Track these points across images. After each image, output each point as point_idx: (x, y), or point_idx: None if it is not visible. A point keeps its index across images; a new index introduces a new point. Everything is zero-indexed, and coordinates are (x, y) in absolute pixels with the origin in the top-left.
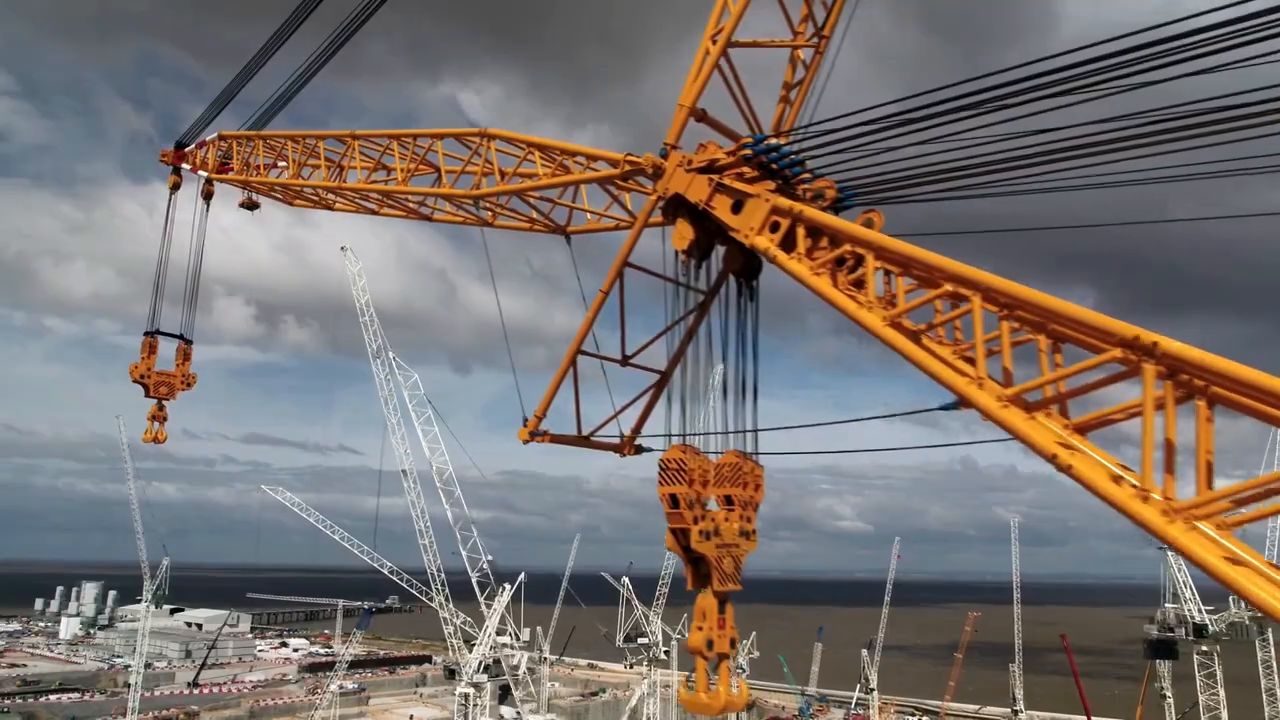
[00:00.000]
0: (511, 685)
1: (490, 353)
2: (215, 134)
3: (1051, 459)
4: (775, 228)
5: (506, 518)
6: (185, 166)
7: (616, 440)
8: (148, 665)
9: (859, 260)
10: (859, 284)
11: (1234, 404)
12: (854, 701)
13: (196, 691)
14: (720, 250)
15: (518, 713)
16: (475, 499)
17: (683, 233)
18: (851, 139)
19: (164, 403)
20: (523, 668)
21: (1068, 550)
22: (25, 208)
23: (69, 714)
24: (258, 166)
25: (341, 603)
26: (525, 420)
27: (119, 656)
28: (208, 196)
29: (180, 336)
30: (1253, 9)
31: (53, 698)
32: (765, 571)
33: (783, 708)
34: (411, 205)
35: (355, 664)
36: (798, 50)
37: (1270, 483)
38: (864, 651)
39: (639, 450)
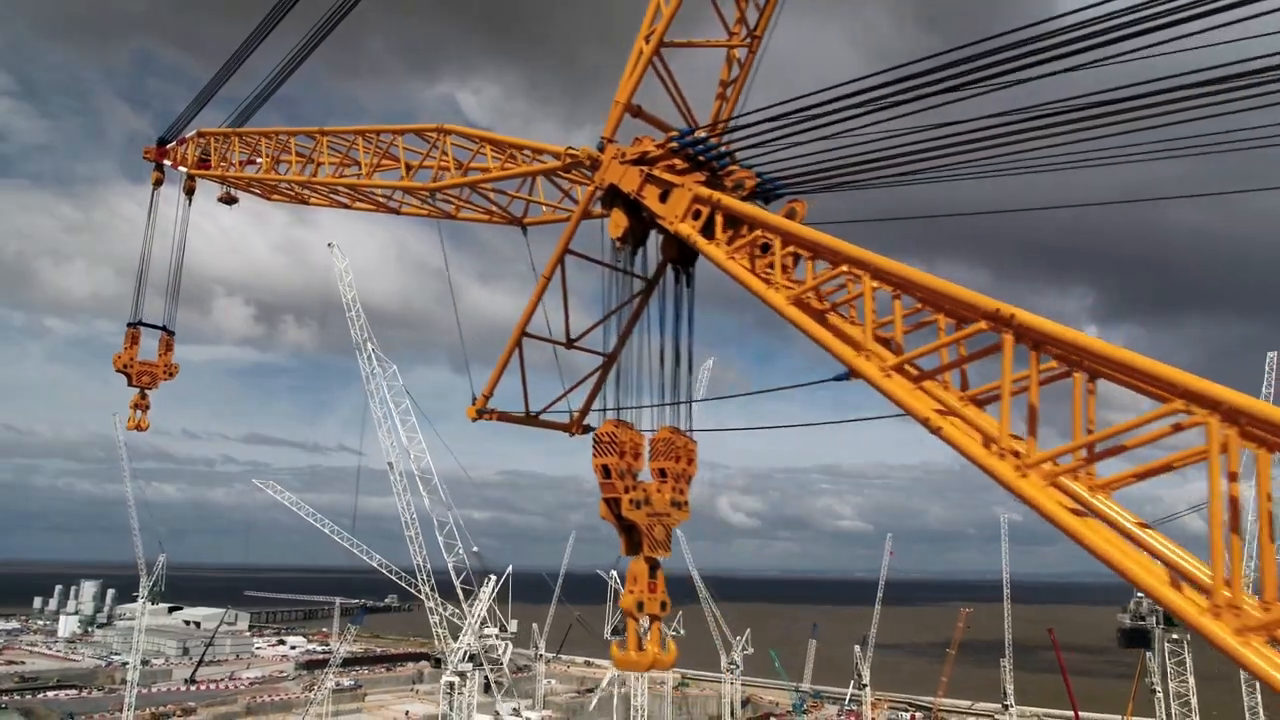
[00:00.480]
0: (491, 679)
1: (491, 352)
2: (195, 131)
3: (924, 422)
4: (698, 215)
5: (508, 517)
6: (167, 163)
7: (566, 420)
8: (145, 662)
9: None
10: (780, 268)
11: (1105, 375)
12: (848, 698)
13: (193, 688)
14: (660, 240)
15: (515, 708)
16: (475, 499)
17: (618, 221)
18: (762, 133)
19: (146, 391)
20: (506, 658)
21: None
22: (24, 208)
23: (66, 710)
24: (234, 162)
25: (339, 600)
26: (474, 399)
27: (117, 654)
28: (189, 192)
29: (163, 328)
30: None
31: (50, 694)
32: (764, 571)
33: (776, 704)
34: (380, 199)
35: (352, 661)
36: (733, 50)
37: (1112, 436)
38: (856, 648)
39: (587, 430)
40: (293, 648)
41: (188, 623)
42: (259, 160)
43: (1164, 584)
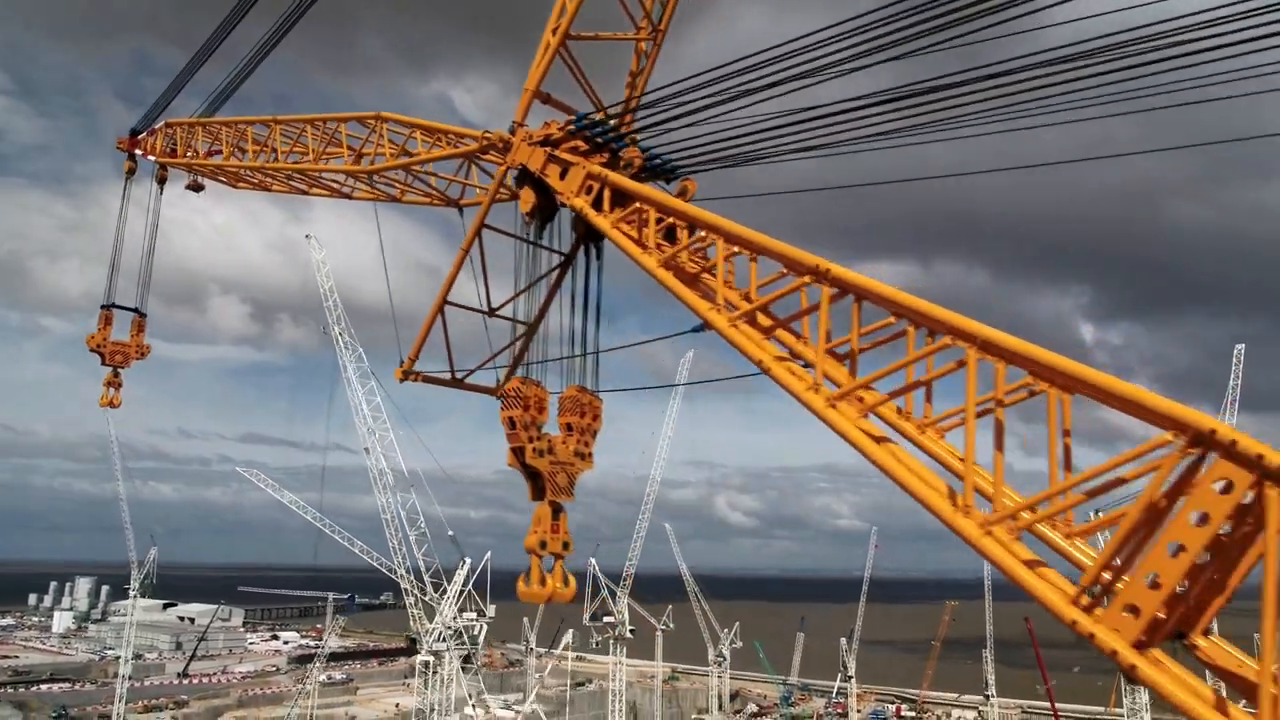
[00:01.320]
0: (469, 656)
1: (483, 348)
2: (163, 122)
3: (758, 363)
4: (591, 190)
5: (505, 516)
6: (139, 152)
7: (492, 385)
8: (138, 656)
9: (667, 219)
10: (670, 239)
11: (907, 317)
12: (835, 690)
13: (186, 681)
14: (572, 218)
15: (505, 701)
16: (472, 498)
17: (527, 198)
18: (648, 115)
19: (119, 370)
20: (482, 638)
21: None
22: (21, 207)
23: (59, 703)
24: (198, 151)
25: (332, 596)
26: (401, 362)
27: (110, 648)
28: (161, 181)
29: (135, 310)
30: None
31: (43, 687)
32: (762, 570)
33: (764, 697)
34: (334, 185)
35: (345, 656)
36: (640, 43)
37: (897, 370)
38: (843, 640)
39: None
40: (285, 642)
41: (182, 619)
42: (221, 149)
43: (937, 494)
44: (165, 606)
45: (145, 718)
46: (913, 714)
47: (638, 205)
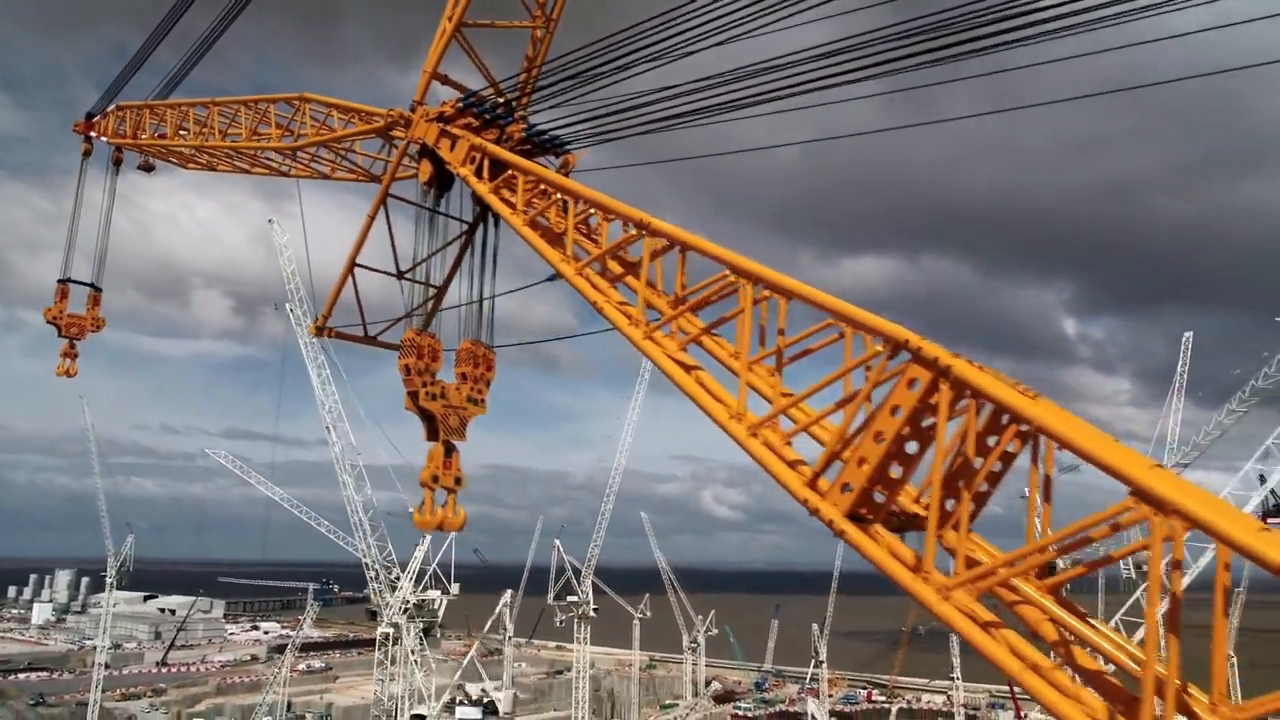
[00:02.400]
0: (435, 629)
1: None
2: (114, 105)
3: (594, 305)
4: (475, 160)
5: (493, 512)
6: (95, 135)
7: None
8: (117, 646)
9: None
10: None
11: (767, 286)
12: (809, 676)
13: (164, 670)
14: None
15: (482, 688)
16: (461, 495)
17: (424, 169)
18: (533, 92)
19: (75, 342)
20: (441, 612)
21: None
22: (1, 200)
23: (36, 691)
24: (148, 132)
25: (312, 586)
26: (315, 318)
27: (89, 638)
28: (116, 162)
29: (91, 285)
30: None
31: (21, 676)
32: (749, 565)
33: (739, 683)
34: (272, 164)
35: (326, 645)
36: (535, 30)
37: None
38: (814, 626)
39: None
40: (266, 633)
41: (162, 610)
42: (164, 129)
43: (720, 406)
44: (146, 599)
45: (123, 705)
46: (883, 699)
47: (509, 172)
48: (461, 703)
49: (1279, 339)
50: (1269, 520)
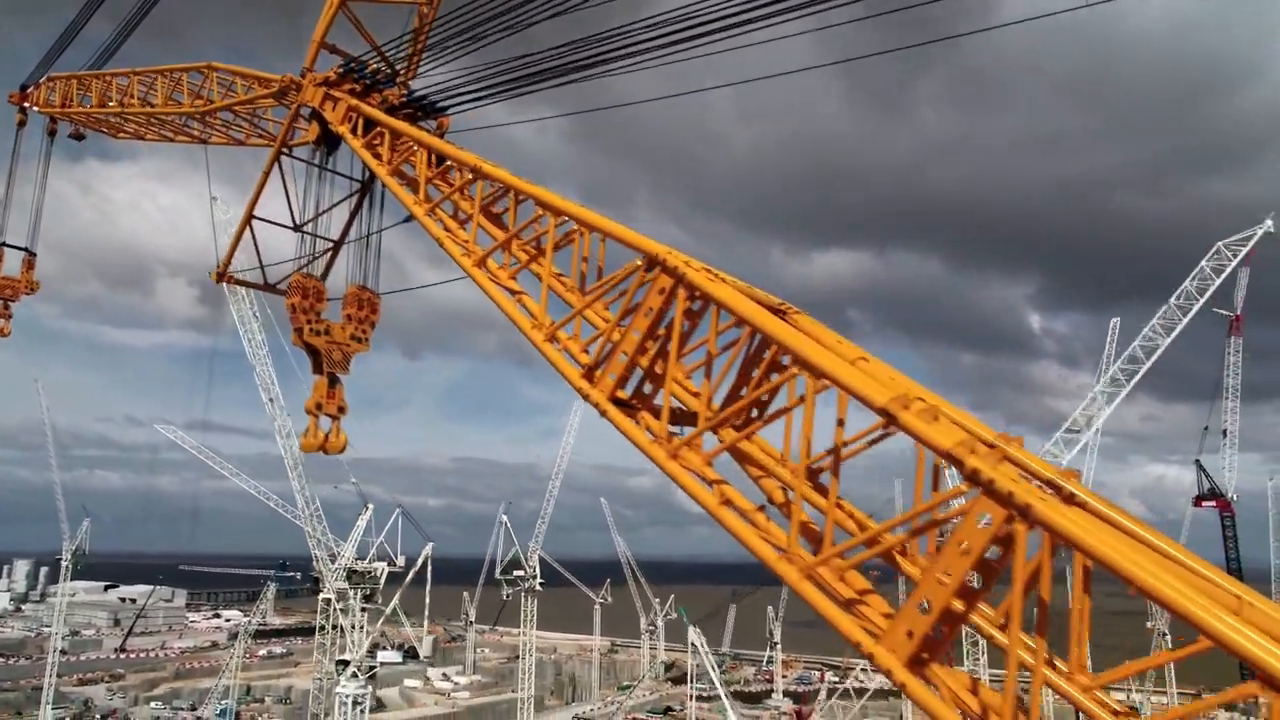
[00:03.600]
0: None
1: (442, 338)
2: (45, 76)
3: (441, 242)
4: (351, 120)
5: (463, 505)
6: (28, 105)
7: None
8: (75, 633)
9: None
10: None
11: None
12: (765, 659)
13: (123, 656)
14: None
15: (444, 673)
16: (431, 487)
17: (312, 130)
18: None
19: (9, 304)
20: (383, 579)
21: None
22: None
23: None
24: (77, 103)
25: (274, 573)
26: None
27: (46, 626)
28: (51, 133)
29: (25, 249)
30: None
31: None
32: (719, 557)
33: (697, 664)
34: (194, 133)
35: (289, 632)
36: (421, 6)
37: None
38: (770, 609)
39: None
40: (227, 620)
41: (123, 599)
42: (90, 99)
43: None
44: (106, 588)
45: (80, 690)
46: (837, 679)
47: (378, 129)
48: (384, 648)
49: (1221, 326)
50: (1202, 504)
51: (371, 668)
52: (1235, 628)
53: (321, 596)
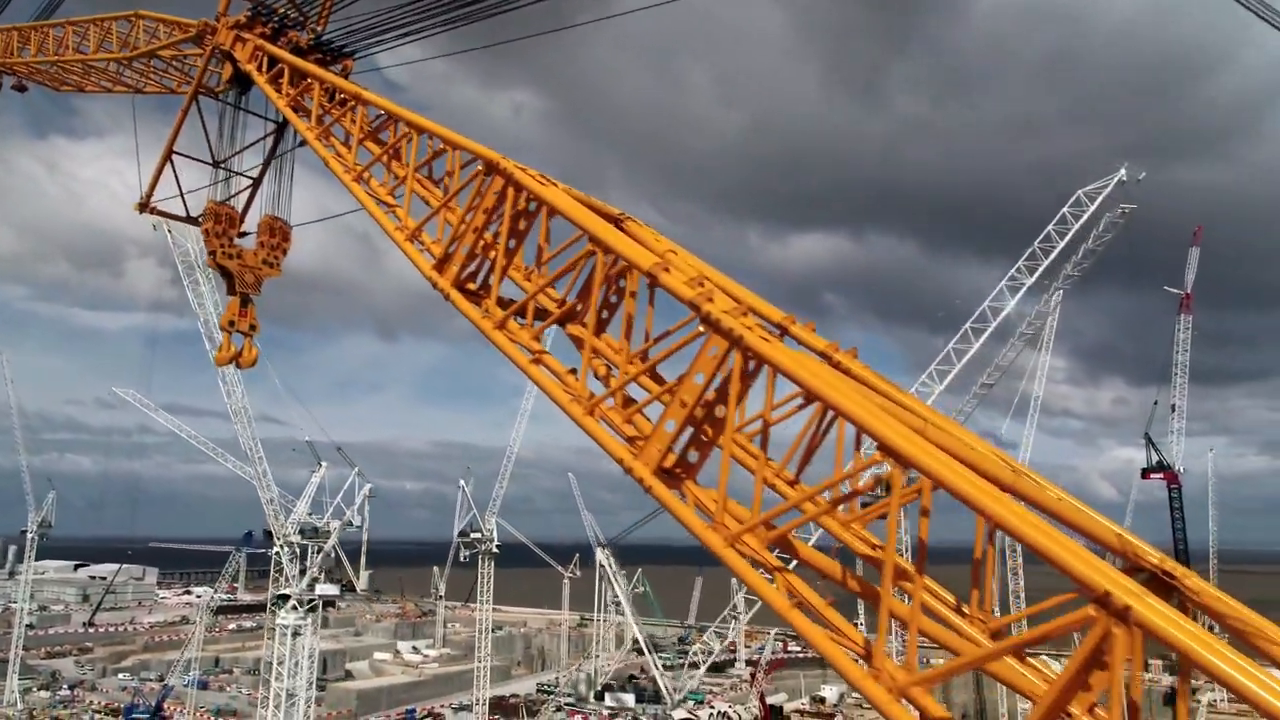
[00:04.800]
0: (337, 555)
1: (418, 319)
2: None
3: (347, 182)
4: (258, 59)
5: (441, 489)
6: None
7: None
8: (43, 608)
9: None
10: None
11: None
12: (729, 631)
13: (92, 630)
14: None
15: (414, 646)
16: (409, 470)
17: (225, 71)
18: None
19: None
20: (334, 539)
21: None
22: None
23: None
24: (15, 53)
25: (245, 550)
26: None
27: (13, 601)
28: None
29: None
30: None
31: None
32: (691, 539)
33: (663, 637)
34: (131, 82)
35: (259, 607)
36: None
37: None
38: (733, 580)
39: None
40: (198, 596)
41: (93, 577)
42: (28, 49)
43: (424, 264)
44: (76, 567)
45: (48, 663)
46: (799, 649)
47: (280, 66)
48: (322, 581)
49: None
50: (1149, 476)
51: (311, 601)
52: (922, 446)
53: (273, 551)
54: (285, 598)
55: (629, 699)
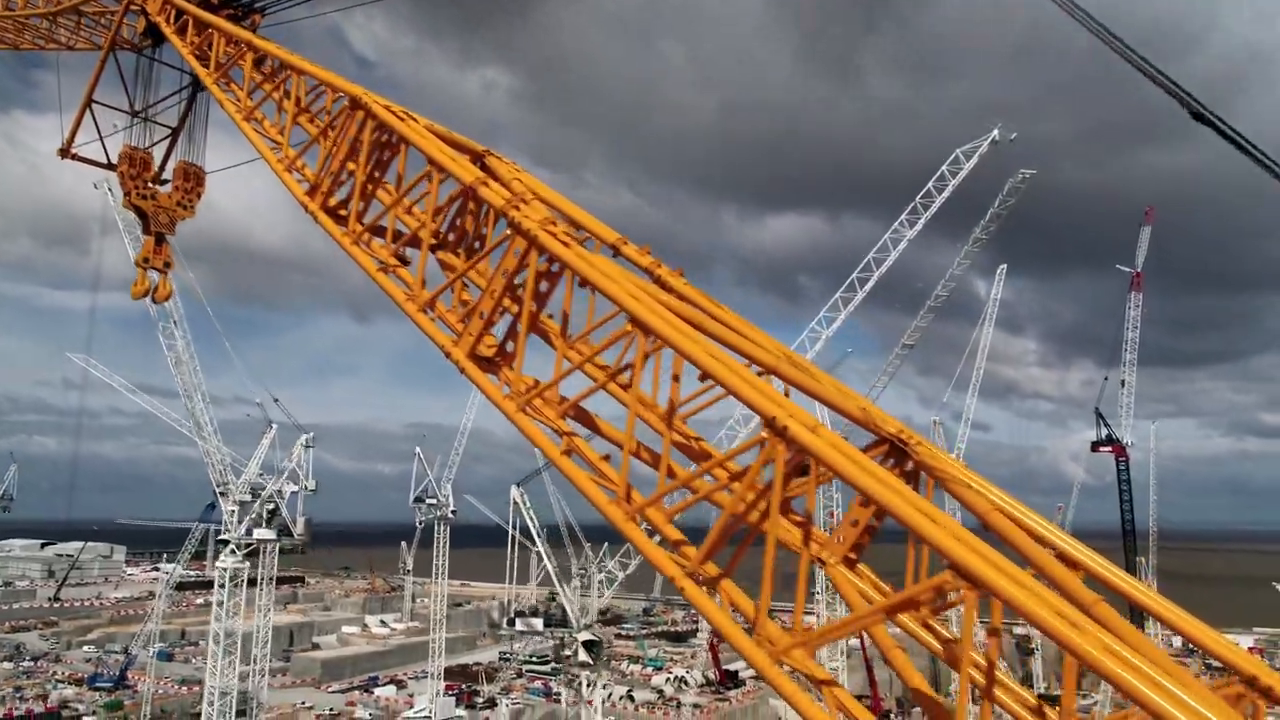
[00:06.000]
0: (280, 510)
1: (390, 302)
2: None
3: (239, 121)
4: (166, 10)
5: (415, 471)
6: None
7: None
8: (8, 584)
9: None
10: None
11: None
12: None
13: (58, 605)
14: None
15: (382, 620)
16: (383, 453)
17: (140, 23)
18: None
19: None
20: (286, 497)
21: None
22: None
23: None
24: None
25: (211, 527)
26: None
27: None
28: None
29: None
30: None
31: None
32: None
33: (629, 610)
34: (62, 41)
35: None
36: None
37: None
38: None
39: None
40: (166, 573)
41: (59, 555)
42: None
43: (301, 193)
44: (43, 545)
45: (12, 636)
46: None
47: (185, 17)
48: (261, 526)
49: (1158, 295)
50: (1099, 449)
51: (250, 545)
52: (667, 318)
53: (226, 508)
54: (225, 542)
55: (537, 623)
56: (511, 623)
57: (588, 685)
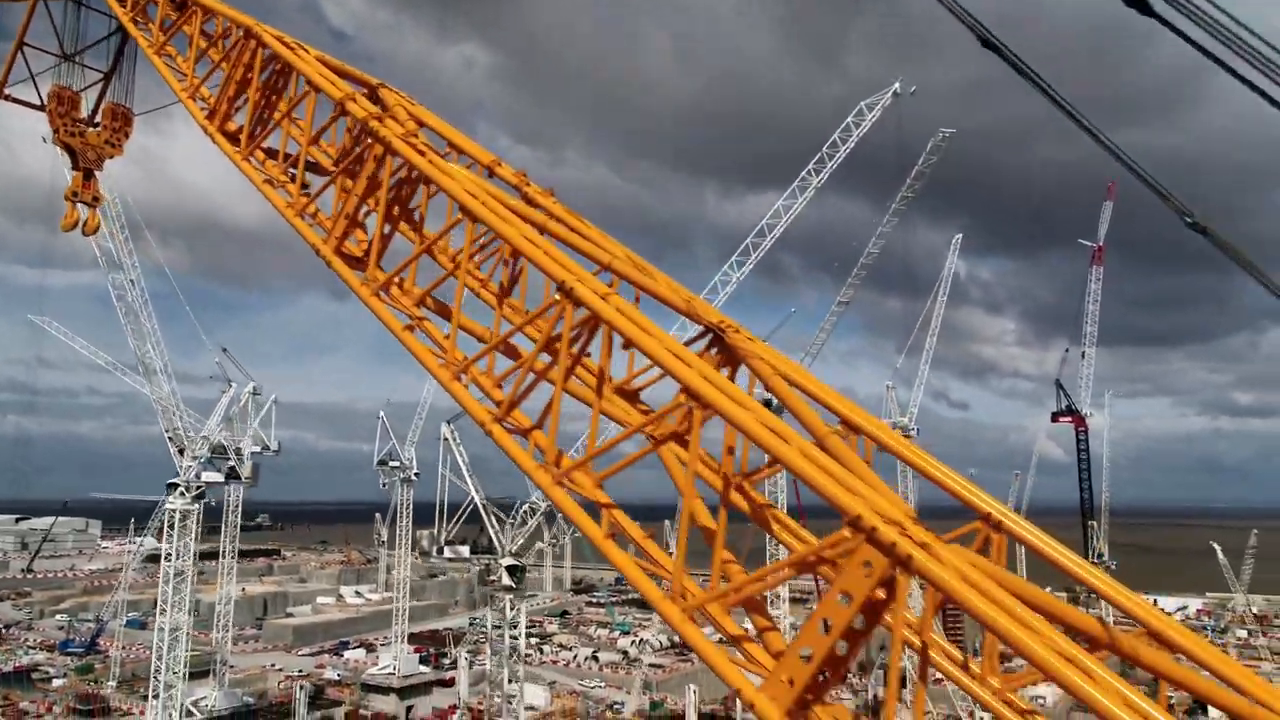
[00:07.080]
0: (236, 466)
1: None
2: None
3: (157, 64)
4: None
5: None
6: None
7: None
8: None
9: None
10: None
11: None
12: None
13: (31, 576)
14: None
15: (357, 590)
16: (365, 432)
17: None
18: None
19: None
20: (247, 455)
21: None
22: None
23: None
24: None
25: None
26: None
27: None
28: None
29: None
30: None
31: None
32: (663, 499)
33: (602, 579)
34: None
35: (209, 555)
36: None
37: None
38: (666, 523)
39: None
40: (140, 545)
41: (34, 529)
42: None
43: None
44: (17, 520)
45: None
46: None
47: None
48: (211, 470)
49: (1130, 274)
50: (1059, 420)
51: (199, 488)
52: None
53: (184, 464)
54: (174, 485)
55: (464, 550)
56: (440, 551)
57: (511, 608)
